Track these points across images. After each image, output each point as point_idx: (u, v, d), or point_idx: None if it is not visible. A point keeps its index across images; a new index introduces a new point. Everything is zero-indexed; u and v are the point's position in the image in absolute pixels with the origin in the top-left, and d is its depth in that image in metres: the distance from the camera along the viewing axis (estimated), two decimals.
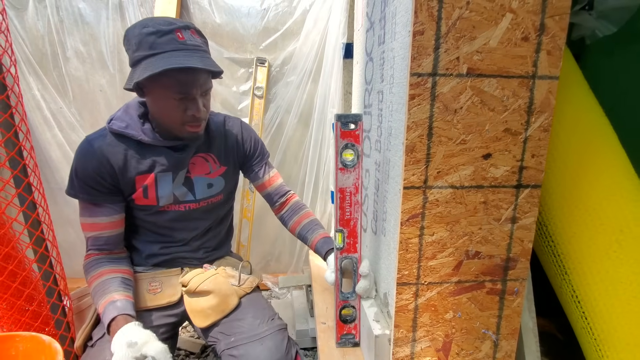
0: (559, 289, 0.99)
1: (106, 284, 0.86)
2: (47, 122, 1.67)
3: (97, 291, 0.86)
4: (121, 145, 0.87)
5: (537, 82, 0.70)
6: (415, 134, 0.70)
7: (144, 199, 0.91)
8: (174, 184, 0.93)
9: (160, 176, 0.90)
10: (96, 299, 0.85)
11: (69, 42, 1.63)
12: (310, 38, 1.63)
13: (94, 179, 0.86)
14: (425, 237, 0.76)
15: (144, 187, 0.90)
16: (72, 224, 1.78)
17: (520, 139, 0.72)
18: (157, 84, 0.78)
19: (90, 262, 0.90)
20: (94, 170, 0.85)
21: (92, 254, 0.91)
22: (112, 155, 0.86)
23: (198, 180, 0.97)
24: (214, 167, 1.00)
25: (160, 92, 0.80)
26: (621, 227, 0.85)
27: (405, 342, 0.82)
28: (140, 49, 0.76)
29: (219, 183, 1.01)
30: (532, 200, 0.76)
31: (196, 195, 0.97)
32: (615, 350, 0.85)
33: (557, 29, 0.68)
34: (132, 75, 0.79)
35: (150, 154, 0.89)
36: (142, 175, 0.89)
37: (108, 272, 0.89)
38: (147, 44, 0.75)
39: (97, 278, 0.87)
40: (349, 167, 0.84)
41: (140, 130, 0.86)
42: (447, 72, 0.67)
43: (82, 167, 0.85)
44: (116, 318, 0.80)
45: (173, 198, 0.94)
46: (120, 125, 0.86)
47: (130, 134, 0.86)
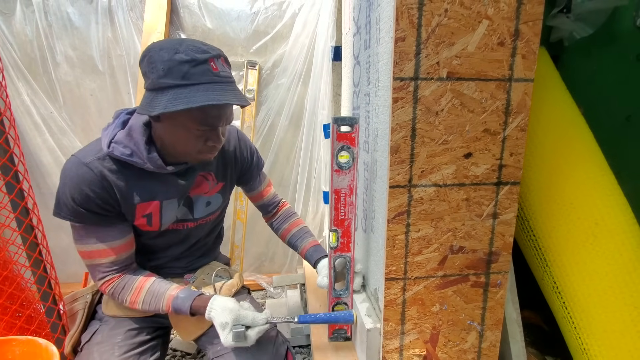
0: (541, 280, 1.04)
1: (154, 291, 0.86)
2: (38, 128, 1.67)
3: (150, 301, 0.85)
4: (122, 171, 0.79)
5: (514, 84, 0.74)
6: (399, 135, 0.73)
7: (147, 225, 0.87)
8: (178, 208, 0.90)
9: (166, 203, 0.86)
10: (154, 307, 0.85)
11: (58, 46, 1.63)
12: (299, 41, 1.66)
13: (97, 204, 0.78)
14: (411, 233, 0.79)
15: (148, 216, 0.85)
16: (64, 229, 1.76)
17: (499, 138, 0.76)
18: (183, 116, 0.72)
19: (119, 284, 0.85)
20: (96, 195, 0.77)
21: (114, 278, 0.85)
22: (113, 181, 0.78)
23: (197, 199, 0.94)
24: (212, 185, 0.96)
25: (184, 123, 0.74)
26: (596, 220, 0.89)
27: (394, 335, 0.85)
28: (169, 75, 0.69)
29: (216, 200, 0.99)
30: (512, 197, 0.80)
31: (195, 214, 0.95)
32: (594, 337, 0.90)
33: (531, 34, 0.72)
34: (154, 101, 0.70)
35: (154, 181, 0.83)
36: (144, 203, 0.83)
37: (146, 280, 0.87)
38: (180, 73, 0.69)
39: (139, 293, 0.86)
40: (344, 169, 0.86)
41: (145, 159, 0.77)
42: (428, 76, 0.71)
43: (80, 193, 0.76)
44: (193, 303, 0.83)
45: (174, 222, 0.93)
46: (123, 152, 0.77)
47: (134, 162, 0.78)
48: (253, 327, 0.82)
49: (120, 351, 0.87)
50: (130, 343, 0.90)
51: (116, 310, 0.95)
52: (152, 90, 0.71)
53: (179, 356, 1.38)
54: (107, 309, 0.95)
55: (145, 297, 0.86)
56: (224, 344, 0.80)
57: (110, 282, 0.86)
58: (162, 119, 0.75)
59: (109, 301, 0.96)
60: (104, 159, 0.78)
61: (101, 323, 0.93)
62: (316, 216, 1.84)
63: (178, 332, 0.96)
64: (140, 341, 0.92)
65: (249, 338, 0.80)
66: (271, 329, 0.95)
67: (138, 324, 0.94)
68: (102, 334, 0.90)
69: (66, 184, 0.77)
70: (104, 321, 0.94)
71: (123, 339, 0.89)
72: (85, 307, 0.96)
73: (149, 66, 0.71)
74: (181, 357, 1.38)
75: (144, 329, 0.95)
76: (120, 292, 0.86)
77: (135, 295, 0.86)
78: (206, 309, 0.82)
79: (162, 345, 1.00)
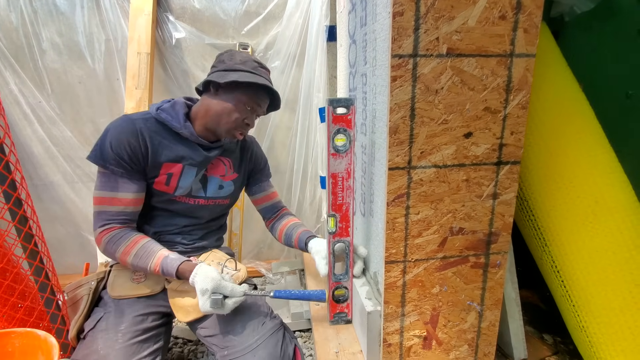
0: (540, 260, 1.04)
1: (148, 247, 0.91)
2: (27, 117, 1.62)
3: (142, 255, 0.90)
4: (160, 132, 0.95)
5: (515, 60, 0.71)
6: (398, 115, 0.71)
7: (164, 185, 0.96)
8: (195, 179, 1.00)
9: (187, 168, 0.98)
10: (143, 261, 0.89)
11: (44, 33, 1.57)
12: (292, 21, 1.61)
13: (128, 155, 0.89)
14: (411, 216, 0.78)
15: (169, 175, 0.96)
16: (60, 221, 1.76)
17: (500, 117, 0.74)
18: (238, 91, 0.95)
19: (118, 234, 0.91)
20: (130, 146, 0.89)
21: (115, 227, 0.91)
22: (149, 138, 0.93)
23: (212, 179, 1.05)
24: (228, 172, 1.09)
25: (238, 97, 0.95)
26: (596, 199, 0.89)
27: (395, 317, 0.85)
28: (243, 64, 0.96)
29: (228, 187, 1.09)
30: (512, 176, 0.79)
31: (207, 192, 1.04)
32: (592, 315, 0.90)
33: (533, 6, 0.69)
34: (225, 76, 0.93)
35: (183, 147, 0.97)
36: (170, 163, 0.96)
37: (142, 238, 0.92)
38: (251, 66, 0.96)
39: (134, 245, 0.90)
40: (341, 152, 0.84)
41: (182, 126, 0.96)
42: (427, 52, 0.68)
43: (118, 141, 0.88)
44: (181, 265, 0.88)
45: (188, 191, 1.00)
46: (166, 117, 0.95)
47: (173, 126, 0.95)
48: (231, 297, 0.85)
49: (124, 338, 0.87)
50: (135, 330, 0.90)
51: (121, 291, 0.95)
52: (225, 70, 0.94)
53: (181, 343, 1.39)
54: (112, 290, 0.96)
55: (138, 251, 0.90)
56: (201, 308, 0.84)
57: (109, 231, 0.90)
58: (220, 92, 0.95)
59: (114, 284, 0.97)
60: (148, 120, 0.95)
61: (105, 310, 0.94)
62: (314, 201, 1.83)
63: (176, 313, 0.96)
64: (145, 328, 0.92)
65: (226, 306, 0.85)
66: (279, 328, 0.96)
67: (143, 310, 0.95)
68: (107, 321, 0.90)
69: (109, 131, 0.90)
70: (108, 308, 0.94)
71: (127, 326, 0.90)
72: (89, 293, 0.96)
73: (228, 57, 0.98)
74: (182, 344, 1.39)
75: (148, 316, 0.95)
76: (116, 242, 0.90)
77: (129, 247, 0.90)
78: (191, 274, 0.86)
79: (166, 333, 1.00)
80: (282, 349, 0.91)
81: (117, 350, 0.85)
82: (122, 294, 0.95)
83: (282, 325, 0.99)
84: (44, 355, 0.84)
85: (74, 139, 1.68)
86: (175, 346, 1.36)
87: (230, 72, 0.94)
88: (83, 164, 1.71)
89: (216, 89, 0.96)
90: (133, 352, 0.86)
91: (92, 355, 0.85)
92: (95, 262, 1.61)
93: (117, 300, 0.95)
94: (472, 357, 0.93)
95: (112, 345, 0.85)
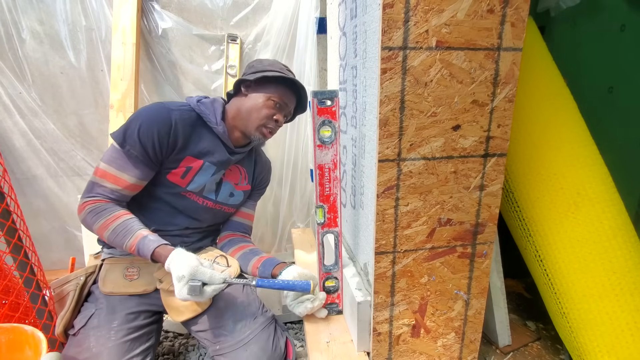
0: (524, 250, 1.07)
1: (128, 224, 0.88)
2: (7, 109, 1.57)
3: (120, 231, 0.87)
4: (194, 125, 0.96)
5: (502, 53, 0.72)
6: (388, 107, 0.71)
7: (179, 177, 0.96)
8: (211, 178, 1.00)
9: (207, 165, 0.98)
10: (120, 238, 0.87)
11: (23, 21, 1.51)
12: (282, 12, 1.58)
13: (152, 142, 0.88)
14: (401, 207, 0.80)
15: (187, 168, 0.96)
16: (44, 215, 1.72)
17: (487, 110, 0.76)
18: (267, 87, 0.98)
19: (102, 206, 0.88)
20: (159, 135, 0.88)
21: (100, 200, 0.89)
22: (182, 130, 0.93)
23: (226, 184, 1.06)
24: (242, 181, 1.11)
25: (266, 93, 0.98)
26: (578, 190, 0.92)
27: (384, 307, 0.87)
28: (272, 66, 1.00)
29: (238, 197, 1.10)
30: (498, 168, 0.81)
31: (217, 197, 1.05)
32: (572, 302, 0.94)
33: (520, 0, 0.70)
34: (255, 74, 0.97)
35: (209, 143, 0.98)
36: (193, 157, 0.96)
37: (125, 214, 0.90)
38: (278, 67, 1.01)
39: (114, 220, 0.87)
40: (327, 144, 0.85)
41: (217, 122, 0.98)
42: (417, 45, 0.69)
43: (148, 127, 0.87)
44: (157, 248, 0.86)
45: (200, 189, 0.99)
46: (204, 111, 0.97)
47: (209, 120, 0.97)
48: (210, 284, 0.82)
49: (117, 336, 0.87)
50: (127, 328, 0.89)
51: (113, 287, 0.94)
52: (256, 72, 0.98)
53: (171, 337, 1.39)
54: (104, 286, 0.95)
55: (118, 227, 0.87)
56: (177, 296, 0.81)
57: (95, 202, 0.88)
58: (250, 90, 0.99)
59: (105, 279, 0.95)
60: (184, 111, 0.95)
61: (96, 307, 0.92)
62: (304, 194, 1.83)
63: (169, 313, 0.95)
64: (137, 326, 0.91)
65: (205, 293, 0.81)
66: (270, 323, 0.96)
67: (135, 307, 0.94)
68: (99, 318, 0.89)
69: (142, 114, 0.89)
70: (99, 304, 0.93)
71: (120, 324, 0.89)
72: (76, 289, 0.94)
73: (257, 62, 1.03)
74: (173, 337, 1.38)
75: (140, 314, 0.94)
76: (98, 213, 0.87)
77: (109, 221, 0.87)
78: (167, 259, 0.83)
79: (157, 332, 1.00)
80: (274, 343, 0.92)
81: (109, 348, 0.84)
82: (114, 291, 0.94)
83: (274, 319, 0.99)
84: (31, 350, 0.83)
85: (57, 132, 1.63)
86: (166, 340, 1.36)
87: (260, 72, 0.97)
88: (67, 157, 1.67)
89: (247, 88, 1.00)
90: (126, 350, 0.86)
91: (84, 352, 0.84)
92: (82, 257, 1.58)
93: (109, 296, 0.94)
94: (458, 344, 0.96)
95: (105, 343, 0.85)
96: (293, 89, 1.02)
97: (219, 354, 0.91)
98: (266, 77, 0.96)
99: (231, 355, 0.89)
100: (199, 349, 1.29)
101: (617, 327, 0.87)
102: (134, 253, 0.87)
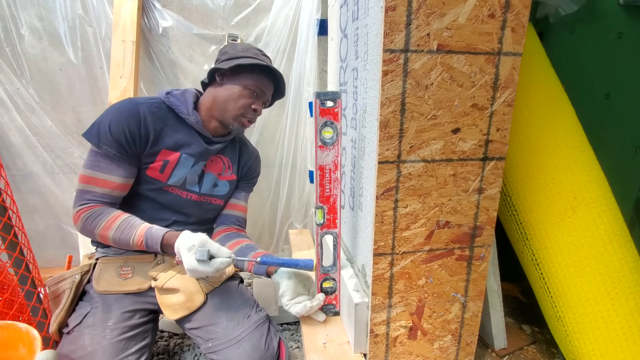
0: (521, 253, 1.08)
1: (130, 220, 0.89)
2: (4, 105, 1.56)
3: (124, 228, 0.87)
4: (165, 118, 0.94)
5: (502, 58, 0.73)
6: (388, 109, 0.72)
7: (158, 172, 0.94)
8: (191, 170, 0.99)
9: (184, 158, 0.97)
10: (125, 234, 0.87)
11: (22, 17, 1.50)
12: (282, 13, 1.59)
13: (126, 138, 0.87)
14: (400, 209, 0.80)
15: (165, 162, 0.94)
16: (40, 213, 1.71)
17: (487, 113, 0.76)
18: (243, 76, 0.95)
19: (98, 210, 0.88)
20: (129, 129, 0.87)
21: (94, 205, 0.88)
22: (152, 123, 0.91)
23: (208, 175, 1.04)
24: (226, 171, 1.09)
25: (244, 82, 0.95)
26: (575, 195, 0.93)
27: (382, 308, 0.87)
28: (246, 52, 0.97)
29: (223, 187, 1.08)
30: (497, 172, 0.82)
31: (201, 188, 1.03)
32: (568, 305, 0.94)
33: (521, 6, 0.71)
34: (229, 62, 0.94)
35: (184, 135, 0.96)
36: (168, 150, 0.94)
37: (123, 213, 0.90)
38: (253, 53, 0.98)
39: (115, 219, 0.88)
40: (328, 145, 0.85)
41: (189, 112, 0.96)
42: (418, 48, 0.69)
43: (118, 123, 0.86)
44: (167, 234, 0.88)
45: (182, 182, 0.98)
46: (174, 102, 0.96)
47: (181, 111, 0.95)
48: (217, 256, 0.84)
49: (112, 334, 0.86)
50: (123, 326, 0.88)
51: (107, 286, 0.93)
52: (229, 59, 0.95)
53: (167, 337, 1.38)
54: (98, 285, 0.94)
55: (121, 224, 0.87)
56: (186, 266, 0.81)
57: (89, 208, 0.88)
58: (225, 80, 0.97)
59: (99, 278, 0.95)
60: (154, 104, 0.93)
61: (92, 305, 0.92)
62: (302, 196, 1.83)
63: (164, 311, 0.95)
64: (132, 325, 0.91)
65: (213, 263, 0.83)
66: (263, 322, 0.96)
67: (130, 306, 0.93)
68: (94, 317, 0.89)
69: (110, 112, 0.88)
70: (95, 303, 0.92)
71: (115, 322, 0.88)
72: (72, 287, 0.94)
73: (230, 47, 1.00)
74: (168, 337, 1.37)
75: (136, 313, 0.93)
76: (96, 217, 0.87)
77: (111, 221, 0.87)
78: (177, 239, 0.85)
79: (153, 331, 0.99)
80: (267, 342, 0.92)
81: (104, 347, 0.84)
82: (109, 290, 0.94)
83: (267, 318, 0.99)
84: (25, 348, 0.82)
85: (54, 128, 1.62)
86: (161, 340, 1.35)
87: (234, 59, 0.95)
88: (64, 155, 1.66)
89: (221, 77, 0.97)
90: (121, 349, 0.85)
91: (79, 351, 0.84)
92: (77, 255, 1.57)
93: (104, 295, 0.93)
94: (455, 347, 0.96)
95: (100, 342, 0.84)
96: (270, 75, 1.00)
97: (211, 351, 0.90)
98: (241, 65, 0.94)
99: (223, 352, 0.89)
100: (194, 349, 1.28)
101: (612, 331, 0.87)
102: (141, 246, 0.88)
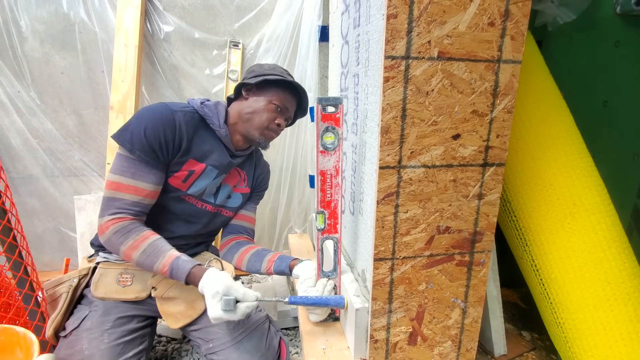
0: (520, 259, 1.08)
1: (158, 245, 0.86)
2: (4, 107, 1.56)
3: (150, 252, 0.84)
4: (197, 128, 0.95)
5: (502, 65, 0.74)
6: (389, 115, 0.72)
7: (181, 181, 0.94)
8: (212, 182, 1.00)
9: (209, 169, 0.98)
10: (150, 259, 0.84)
11: (24, 20, 1.51)
12: (284, 19, 1.61)
13: (160, 145, 0.86)
14: (400, 214, 0.80)
15: (190, 172, 0.94)
16: (38, 216, 1.70)
17: (487, 120, 0.77)
18: (269, 91, 0.98)
19: (129, 225, 0.85)
20: (165, 137, 0.87)
21: (127, 218, 0.85)
22: (186, 132, 0.91)
23: (225, 187, 1.06)
24: (241, 183, 1.11)
25: (269, 97, 0.98)
26: (574, 201, 0.93)
27: (382, 314, 0.87)
28: (272, 70, 1.01)
29: (236, 199, 1.10)
30: (497, 178, 0.82)
31: (216, 200, 1.04)
32: (568, 311, 0.95)
33: (520, 15, 0.72)
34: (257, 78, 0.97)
35: (212, 147, 0.98)
36: (195, 161, 0.95)
37: (152, 234, 0.87)
38: (279, 71, 1.02)
39: (143, 240, 0.85)
40: (330, 150, 0.86)
41: (220, 125, 0.97)
42: (419, 55, 0.70)
43: (154, 128, 0.85)
44: (193, 268, 0.84)
45: (200, 193, 0.98)
46: (207, 113, 0.97)
47: (213, 123, 0.97)
48: (243, 301, 0.81)
49: (110, 338, 0.85)
50: (121, 331, 0.88)
51: (105, 292, 0.93)
52: (257, 76, 0.98)
53: (164, 342, 1.37)
54: (96, 290, 0.93)
55: (147, 248, 0.84)
56: (211, 314, 0.78)
57: (120, 220, 0.84)
58: (251, 94, 1.00)
59: (98, 283, 0.94)
60: (187, 113, 0.94)
61: (90, 309, 0.91)
62: (302, 200, 1.83)
63: (166, 320, 0.94)
64: (130, 329, 0.90)
65: (238, 310, 0.79)
66: (264, 321, 0.95)
67: (129, 312, 0.93)
68: (92, 320, 0.88)
69: (145, 116, 0.87)
70: (93, 307, 0.92)
71: (113, 326, 0.88)
72: (69, 291, 0.93)
73: (257, 67, 1.03)
74: (166, 342, 1.37)
75: (134, 318, 0.93)
76: (125, 234, 0.83)
77: (138, 242, 0.84)
78: (200, 279, 0.82)
79: (151, 335, 0.99)
80: (267, 342, 0.92)
81: (102, 351, 0.83)
82: (107, 296, 0.93)
83: (268, 318, 0.99)
84: (22, 352, 0.81)
85: (55, 131, 1.62)
86: (159, 344, 1.34)
87: (261, 76, 0.98)
88: (64, 158, 1.66)
89: (247, 92, 1.00)
90: (118, 353, 0.85)
91: (77, 354, 0.83)
92: (76, 258, 1.56)
93: (102, 299, 0.93)
94: (455, 353, 0.96)
95: (98, 345, 0.84)
96: (294, 93, 1.02)
97: (212, 352, 0.90)
98: (267, 81, 0.97)
99: (224, 352, 0.88)
100: (192, 353, 1.28)
101: (611, 337, 0.87)
102: (165, 274, 0.85)
